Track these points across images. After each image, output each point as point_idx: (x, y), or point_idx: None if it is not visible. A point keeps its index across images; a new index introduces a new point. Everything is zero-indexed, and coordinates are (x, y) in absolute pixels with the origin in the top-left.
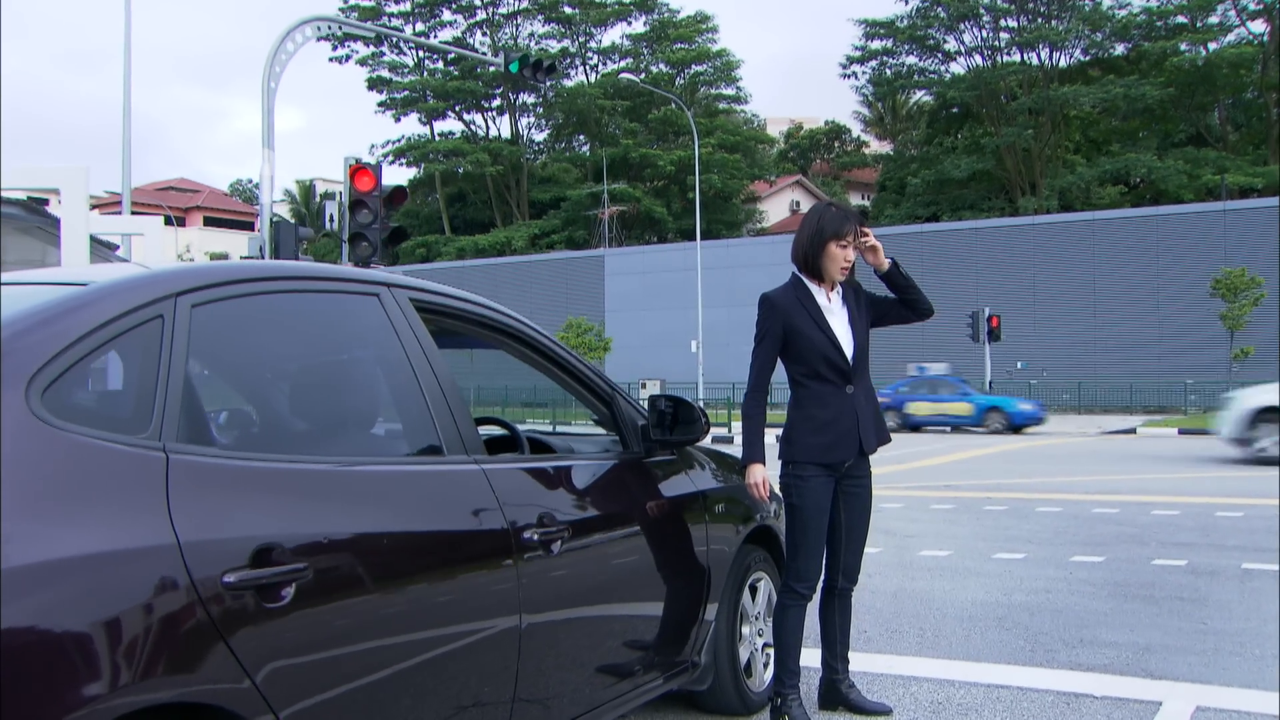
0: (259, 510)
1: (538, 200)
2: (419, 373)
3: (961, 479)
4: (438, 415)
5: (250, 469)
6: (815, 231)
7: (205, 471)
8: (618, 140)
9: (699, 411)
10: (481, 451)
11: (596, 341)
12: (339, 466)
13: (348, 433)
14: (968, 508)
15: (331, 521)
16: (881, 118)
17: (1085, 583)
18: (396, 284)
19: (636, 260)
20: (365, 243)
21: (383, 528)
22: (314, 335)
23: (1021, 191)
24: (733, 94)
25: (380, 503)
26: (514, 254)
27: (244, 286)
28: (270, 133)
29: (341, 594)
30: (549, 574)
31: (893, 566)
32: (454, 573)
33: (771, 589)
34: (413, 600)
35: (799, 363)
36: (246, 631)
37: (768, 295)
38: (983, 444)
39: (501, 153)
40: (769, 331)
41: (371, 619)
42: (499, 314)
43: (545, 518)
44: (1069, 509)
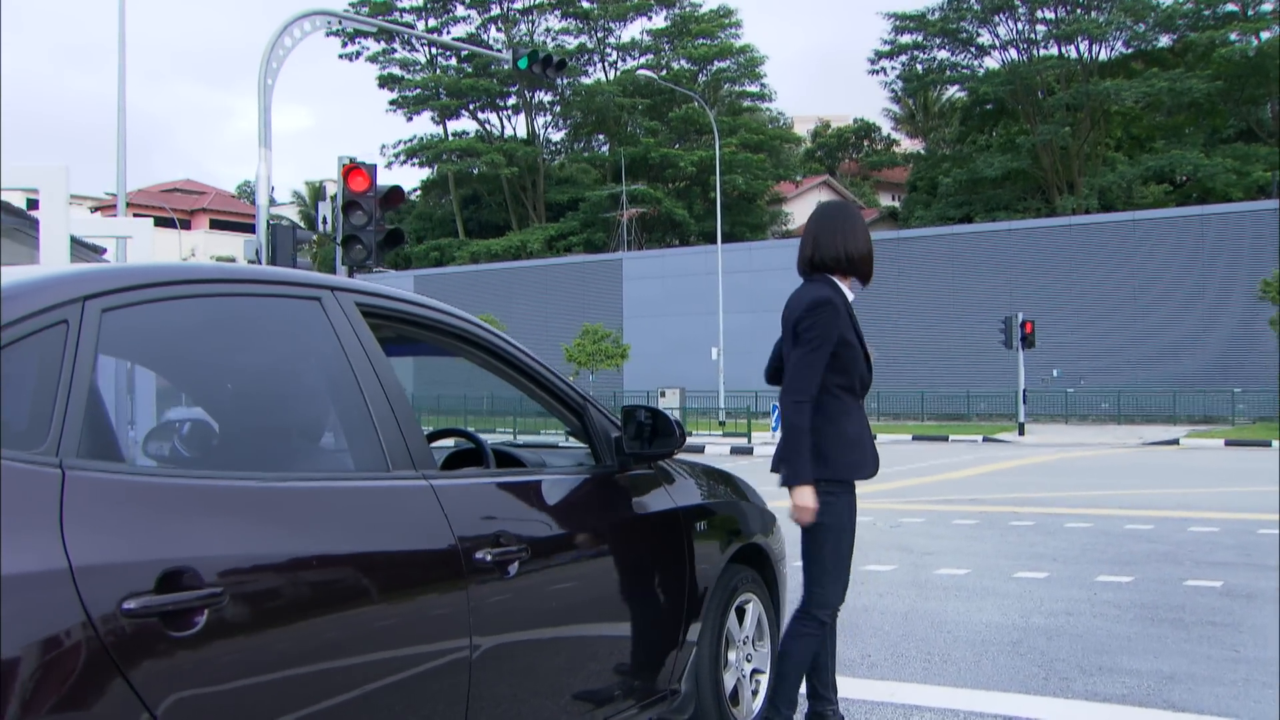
0: (170, 531)
1: (555, 202)
2: (363, 382)
3: (989, 492)
4: (382, 427)
5: (162, 486)
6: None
7: (108, 489)
8: (638, 140)
9: (675, 424)
10: (432, 466)
11: (614, 349)
12: (266, 483)
13: (280, 447)
14: (992, 523)
15: (254, 542)
16: (912, 115)
17: (1110, 604)
18: (341, 287)
19: (656, 264)
20: (359, 245)
21: (313, 549)
22: (244, 342)
23: (1059, 191)
24: (757, 91)
25: (311, 522)
26: (530, 258)
27: (164, 290)
28: (267, 131)
29: (264, 621)
30: (504, 597)
31: (906, 585)
32: (394, 597)
33: (761, 611)
34: (347, 627)
35: (842, 374)
36: (149, 664)
37: (830, 298)
38: (1016, 455)
39: (517, 153)
40: (831, 338)
41: (298, 648)
42: (457, 319)
43: (501, 537)
44: (1099, 525)
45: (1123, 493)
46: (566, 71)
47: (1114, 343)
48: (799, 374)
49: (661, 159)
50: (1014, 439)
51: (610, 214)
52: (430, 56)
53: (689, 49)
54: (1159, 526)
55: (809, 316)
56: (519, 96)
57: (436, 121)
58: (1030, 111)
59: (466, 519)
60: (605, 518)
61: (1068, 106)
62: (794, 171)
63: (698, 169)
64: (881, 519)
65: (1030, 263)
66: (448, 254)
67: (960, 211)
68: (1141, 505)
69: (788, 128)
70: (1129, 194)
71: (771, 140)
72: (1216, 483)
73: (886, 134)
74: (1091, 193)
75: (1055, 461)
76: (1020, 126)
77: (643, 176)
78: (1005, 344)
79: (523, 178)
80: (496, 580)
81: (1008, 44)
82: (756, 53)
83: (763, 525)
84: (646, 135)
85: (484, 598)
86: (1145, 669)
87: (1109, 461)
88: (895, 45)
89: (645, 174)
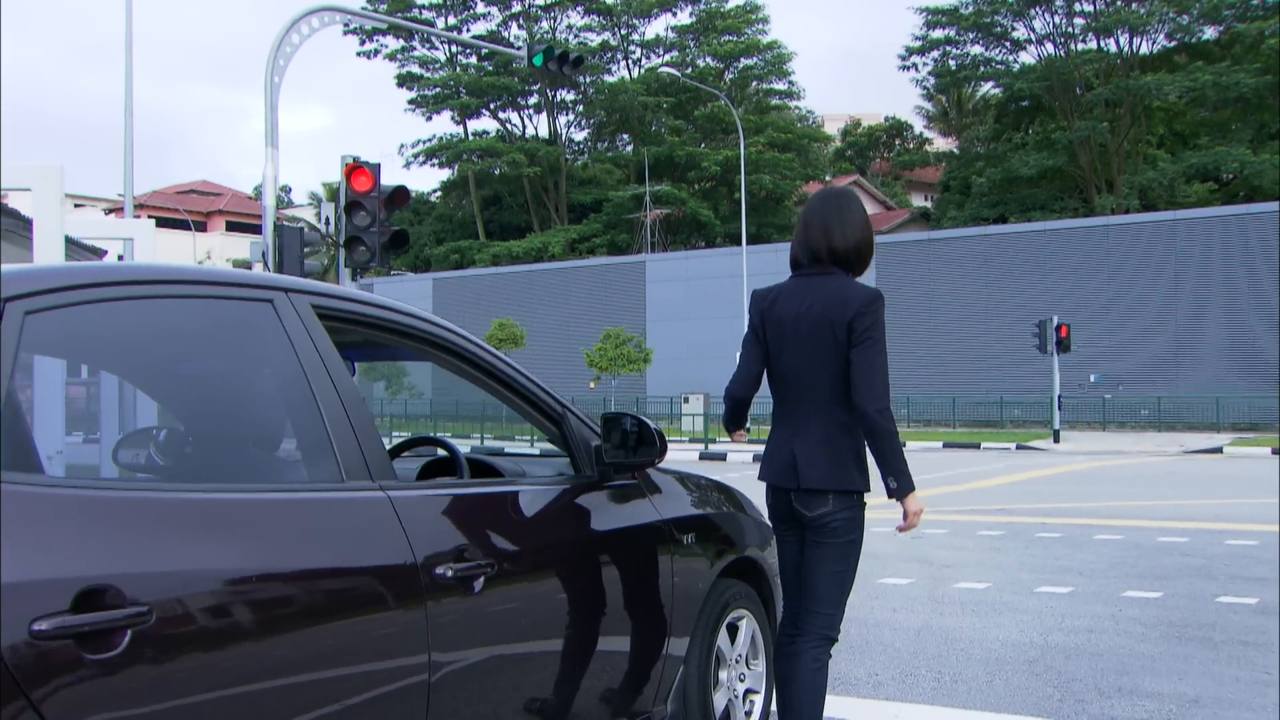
0: (92, 547)
1: (578, 203)
2: (316, 388)
3: (1018, 501)
4: (337, 436)
5: (85, 499)
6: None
7: (22, 503)
8: (662, 139)
9: (656, 433)
10: (391, 477)
11: (636, 353)
12: (204, 495)
13: (225, 457)
14: (1018, 534)
15: (187, 558)
16: (945, 113)
17: (1135, 621)
18: (296, 289)
19: (680, 266)
20: (362, 247)
21: (254, 566)
22: (187, 347)
23: (1097, 190)
24: (784, 89)
25: (253, 536)
26: (552, 260)
27: (96, 291)
28: (274, 130)
29: (196, 643)
30: (468, 615)
31: (922, 600)
32: (344, 616)
33: (756, 629)
34: (290, 649)
35: None
36: (62, 689)
37: (880, 293)
38: (1049, 463)
39: (539, 153)
40: (885, 333)
41: (234, 671)
42: (424, 322)
43: (466, 551)
44: (1131, 537)
45: (1158, 503)
46: (588, 69)
47: (1154, 347)
48: (879, 377)
49: (686, 159)
50: (1048, 447)
51: (634, 215)
52: (450, 54)
53: (714, 46)
54: (1194, 539)
55: (870, 311)
56: (541, 95)
57: (457, 121)
58: (1067, 108)
59: (427, 532)
60: (582, 530)
61: (1107, 102)
62: (823, 171)
63: (723, 169)
64: None
65: (1067, 264)
66: (468, 256)
67: (994, 212)
68: (1177, 516)
69: (817, 126)
70: (1171, 192)
71: (800, 139)
72: (1259, 493)
73: (919, 132)
74: (1131, 191)
75: (1090, 470)
76: (1057, 124)
77: (667, 177)
78: (1040, 348)
79: (545, 178)
80: (459, 597)
81: (1044, 38)
82: (784, 49)
83: (760, 539)
84: (671, 134)
85: (444, 616)
86: (1168, 691)
87: (1146, 470)
88: (927, 40)
89: (670, 174)
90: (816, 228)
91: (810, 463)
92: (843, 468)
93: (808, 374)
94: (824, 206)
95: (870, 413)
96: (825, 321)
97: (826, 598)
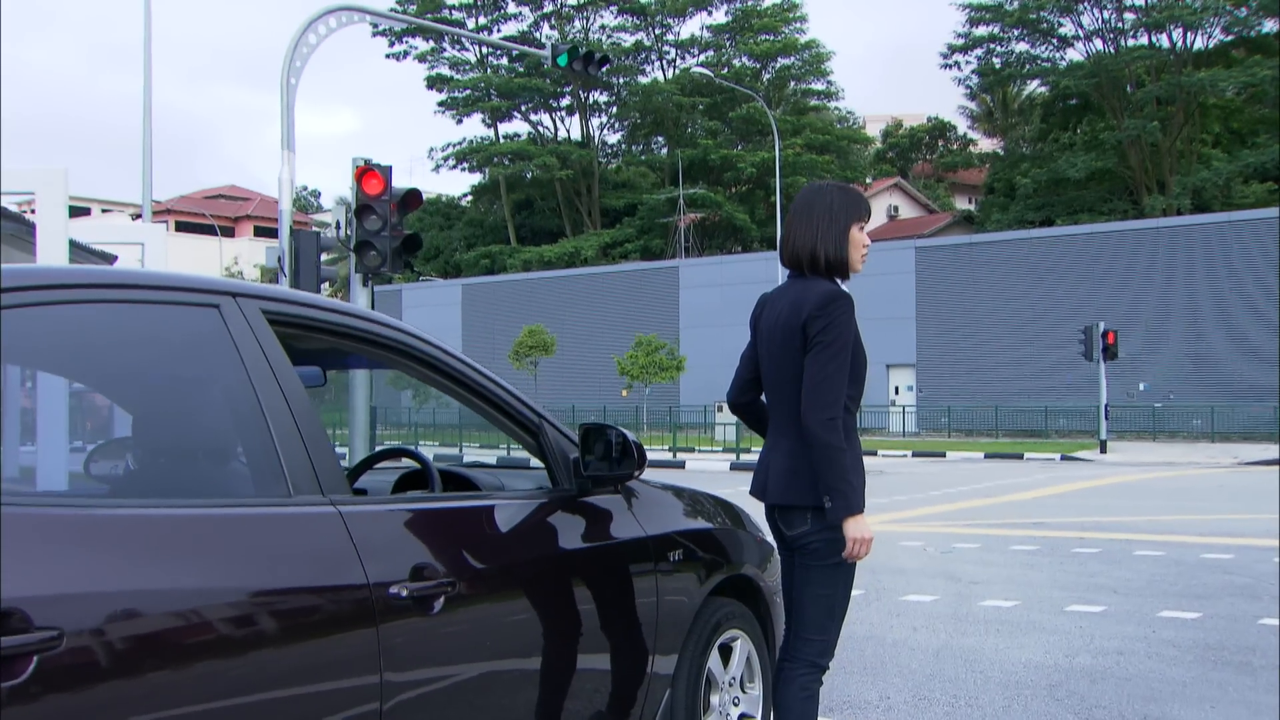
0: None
1: (611, 207)
2: (264, 398)
3: (1056, 515)
4: (284, 448)
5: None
6: (834, 217)
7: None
8: (697, 141)
9: (633, 444)
10: (344, 491)
11: (669, 360)
12: (132, 510)
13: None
14: (1053, 549)
15: (109, 579)
16: (990, 112)
17: (1169, 644)
18: (245, 293)
19: (714, 271)
20: (373, 251)
21: (183, 586)
22: (121, 355)
23: (1148, 190)
24: (823, 89)
25: (188, 554)
26: (584, 265)
27: (23, 296)
28: (290, 133)
29: (113, 670)
30: (425, 638)
31: (945, 618)
32: (285, 640)
33: (751, 649)
34: (221, 675)
35: (855, 383)
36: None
37: (844, 291)
38: (1094, 475)
39: (571, 156)
40: (850, 337)
41: (155, 700)
42: (388, 328)
43: (425, 570)
44: (1172, 553)
45: (1206, 518)
46: (620, 70)
47: (1207, 354)
48: (826, 385)
49: (722, 161)
50: (1094, 457)
51: (668, 219)
52: (481, 56)
53: (751, 45)
54: (1240, 556)
55: (824, 314)
56: (574, 97)
57: (488, 124)
58: (1117, 106)
59: (381, 550)
60: (555, 546)
61: (1158, 100)
62: (863, 174)
63: (760, 171)
64: (934, 543)
65: (1115, 268)
66: (499, 262)
67: (1040, 215)
68: (1225, 532)
69: (858, 127)
70: (1227, 193)
71: (839, 141)
72: None
73: (962, 133)
74: (1184, 192)
75: (1136, 482)
76: (1106, 123)
77: (702, 179)
78: (1085, 355)
79: (577, 182)
80: (415, 618)
81: (1092, 34)
82: (822, 48)
83: (759, 556)
84: (706, 136)
85: (398, 638)
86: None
87: (1196, 483)
88: (970, 38)
89: (705, 177)
90: (787, 227)
91: (778, 476)
92: (814, 483)
93: (781, 383)
94: (794, 205)
95: (810, 423)
96: (789, 328)
97: (812, 623)
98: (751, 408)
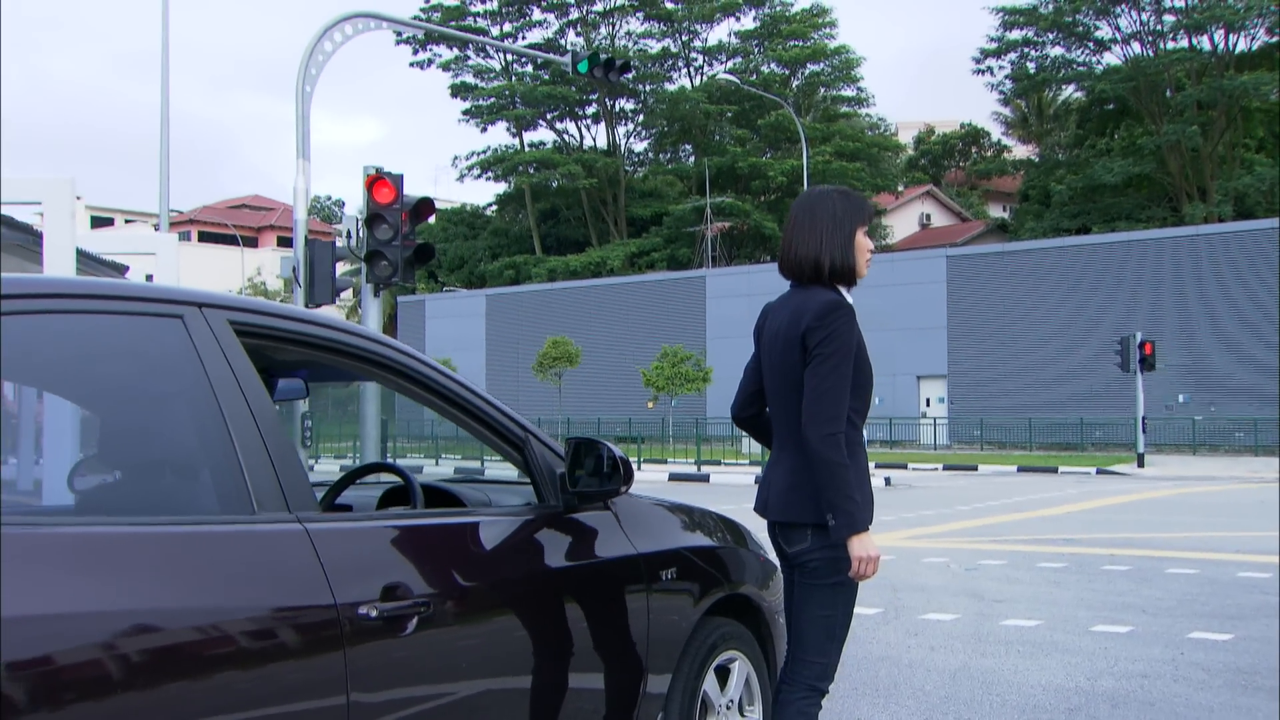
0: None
1: (637, 216)
2: (228, 411)
3: (1088, 531)
4: (249, 463)
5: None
6: (838, 223)
7: None
8: (725, 149)
9: (620, 460)
10: (312, 508)
11: (695, 372)
12: (86, 529)
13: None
14: (1082, 566)
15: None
16: (1025, 118)
17: (1198, 667)
18: (211, 303)
19: (741, 281)
20: (384, 261)
21: (135, 605)
22: (79, 368)
23: (1188, 197)
24: (853, 95)
25: (139, 574)
26: (610, 275)
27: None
28: (305, 141)
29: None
30: (396, 660)
31: (964, 638)
32: (248, 661)
33: (751, 671)
34: (178, 698)
35: (857, 396)
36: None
37: (844, 300)
38: (1130, 489)
39: (597, 164)
40: (851, 348)
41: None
42: (363, 339)
43: (397, 590)
44: (1208, 571)
45: (1244, 534)
46: (648, 78)
47: (1251, 365)
48: (827, 398)
49: (750, 169)
50: (1131, 471)
51: (695, 228)
52: (505, 64)
53: (779, 51)
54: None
55: (823, 325)
56: (599, 105)
57: (512, 133)
58: (1156, 111)
59: (350, 569)
60: (538, 564)
61: (1199, 104)
62: (894, 181)
63: (789, 179)
64: (958, 560)
65: (1153, 277)
66: (523, 272)
67: (1076, 223)
68: (1264, 550)
69: (890, 134)
70: (1270, 198)
71: (869, 148)
72: None
73: (996, 139)
74: (1225, 198)
75: (1174, 497)
76: (1144, 128)
77: (730, 188)
78: (1122, 366)
79: (603, 190)
80: (386, 640)
81: (1130, 37)
82: (852, 54)
83: (760, 575)
84: (734, 144)
85: (366, 660)
86: None
87: (1238, 498)
88: (1004, 42)
89: (733, 185)
90: (786, 236)
91: (779, 492)
92: (815, 499)
93: (783, 396)
94: (793, 212)
95: (811, 439)
96: (789, 339)
97: (812, 645)
98: (756, 422)
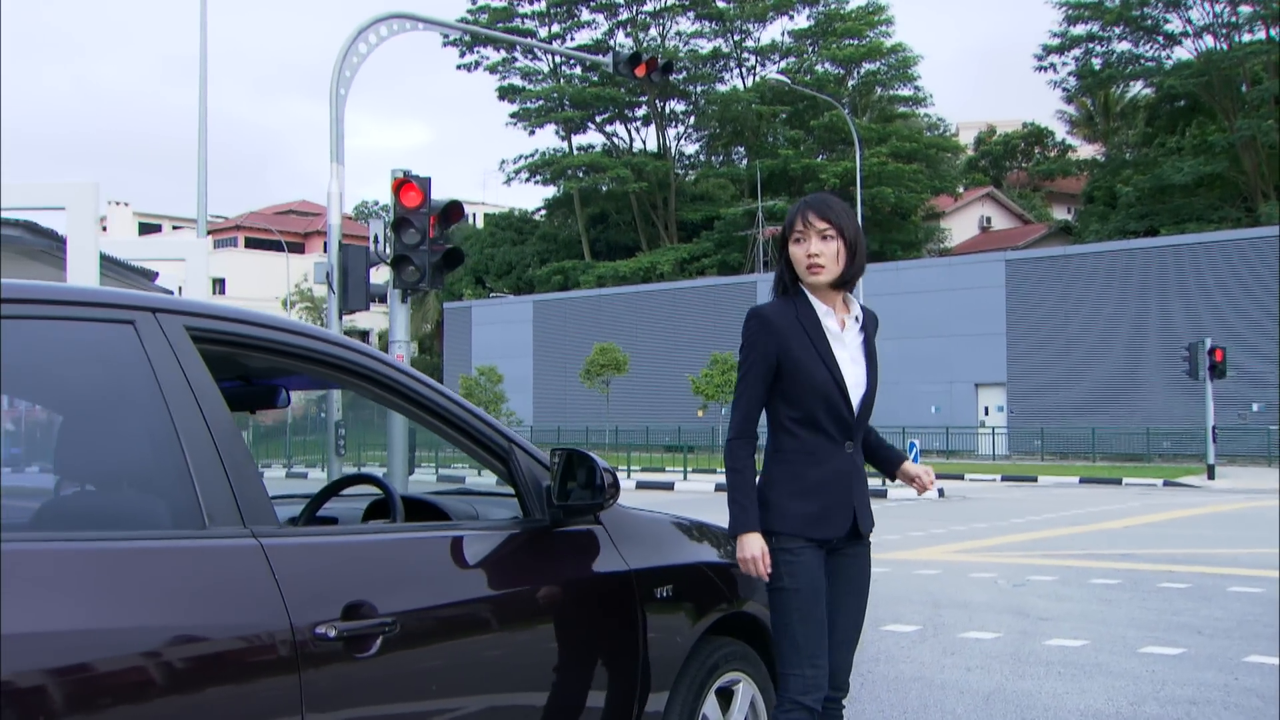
0: None
1: (688, 220)
2: (179, 420)
3: (1148, 545)
4: (200, 475)
5: None
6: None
7: None
8: (778, 151)
9: (605, 471)
10: (271, 522)
11: None
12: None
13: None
14: (1137, 583)
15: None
16: (1090, 117)
17: (1252, 693)
18: (167, 309)
19: None
20: (411, 266)
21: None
22: (21, 376)
23: (1264, 196)
24: (910, 95)
25: (81, 591)
26: (660, 280)
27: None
28: (339, 144)
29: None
30: (357, 682)
31: (1003, 658)
32: (196, 683)
33: (755, 693)
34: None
35: (792, 404)
36: None
37: (759, 310)
38: (1198, 502)
39: (646, 167)
40: (759, 357)
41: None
42: (332, 345)
43: (361, 609)
44: (1271, 590)
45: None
46: (699, 78)
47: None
48: (735, 406)
49: (803, 171)
50: (1201, 483)
51: (747, 232)
52: (554, 66)
53: (834, 50)
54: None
55: (742, 336)
56: (649, 107)
57: (561, 136)
58: (1229, 107)
59: (308, 586)
60: (519, 581)
61: (1276, 99)
62: (953, 183)
63: (843, 181)
64: (1006, 575)
65: (1224, 281)
66: (572, 277)
67: (1143, 224)
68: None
69: (950, 135)
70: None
71: (927, 149)
72: None
73: (1060, 139)
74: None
75: (1244, 511)
76: (1217, 125)
77: (783, 191)
78: (1190, 374)
79: (653, 194)
80: (346, 661)
81: (1202, 30)
82: (910, 52)
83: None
84: (787, 146)
85: (323, 682)
86: None
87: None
88: (1068, 38)
89: (786, 188)
90: None
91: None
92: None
93: None
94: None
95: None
96: None
97: (782, 656)
98: None
